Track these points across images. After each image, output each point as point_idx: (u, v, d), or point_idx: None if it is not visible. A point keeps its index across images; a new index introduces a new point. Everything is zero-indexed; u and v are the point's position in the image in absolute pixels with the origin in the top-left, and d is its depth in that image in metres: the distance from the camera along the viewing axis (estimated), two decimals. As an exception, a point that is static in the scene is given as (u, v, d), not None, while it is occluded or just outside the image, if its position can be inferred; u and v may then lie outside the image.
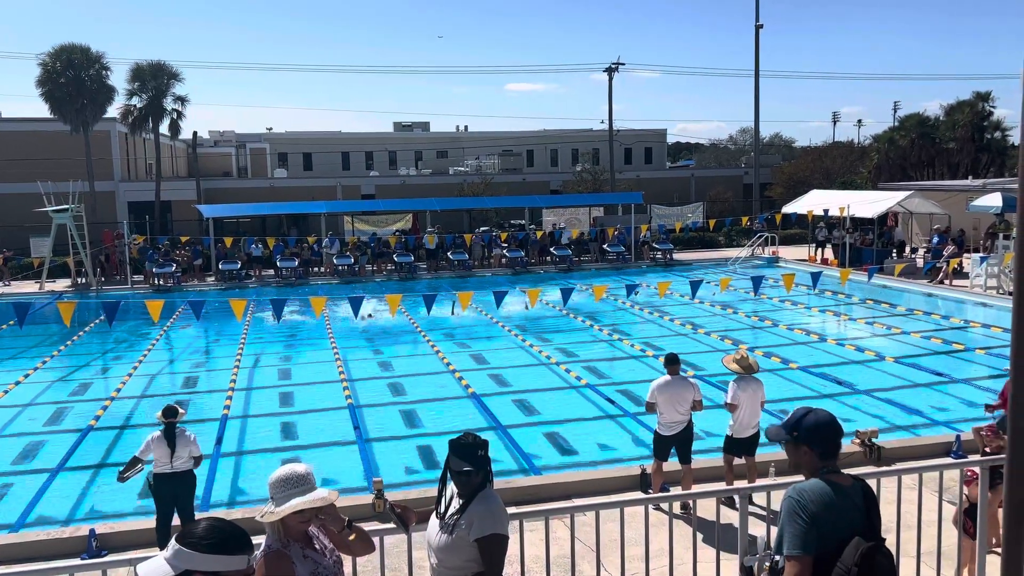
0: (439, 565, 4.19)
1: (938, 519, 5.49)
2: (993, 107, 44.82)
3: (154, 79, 38.69)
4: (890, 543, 5.96)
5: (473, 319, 21.64)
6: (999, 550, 6.24)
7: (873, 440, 10.04)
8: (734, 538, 5.26)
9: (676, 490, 8.65)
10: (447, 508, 4.21)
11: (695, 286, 17.19)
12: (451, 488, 4.26)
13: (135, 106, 38.99)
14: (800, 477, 3.81)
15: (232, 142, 63.05)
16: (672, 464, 9.07)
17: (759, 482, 8.33)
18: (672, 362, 9.02)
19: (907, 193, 29.77)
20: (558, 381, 15.23)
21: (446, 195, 41.77)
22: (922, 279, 25.04)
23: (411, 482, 10.31)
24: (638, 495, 8.74)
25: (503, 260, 31.80)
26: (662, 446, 8.89)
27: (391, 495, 8.61)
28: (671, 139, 76.71)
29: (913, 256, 29.64)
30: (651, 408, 8.92)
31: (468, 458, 4.10)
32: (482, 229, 35.14)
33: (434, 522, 4.27)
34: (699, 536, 5.46)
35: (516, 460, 10.91)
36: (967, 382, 14.26)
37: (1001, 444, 7.10)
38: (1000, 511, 6.62)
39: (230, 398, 14.34)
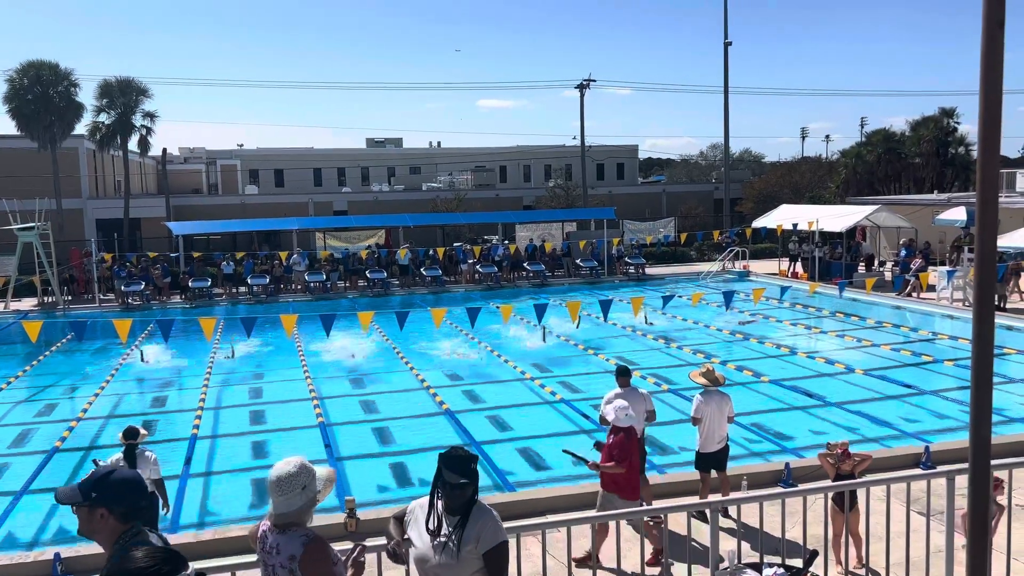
0: None
1: (906, 530, 5.53)
2: (958, 123, 45.78)
3: (123, 95, 38.36)
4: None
5: (448, 335, 21.55)
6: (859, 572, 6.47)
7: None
8: (706, 552, 5.27)
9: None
10: (439, 524, 4.17)
11: (667, 300, 17.30)
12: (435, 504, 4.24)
13: (103, 123, 38.61)
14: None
15: (202, 159, 62.55)
16: (656, 477, 9.08)
17: (730, 496, 8.35)
18: (623, 374, 9.06)
19: (874, 207, 30.23)
20: (533, 396, 15.20)
21: (419, 211, 41.74)
22: (891, 292, 25.38)
23: (384, 500, 10.21)
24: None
25: (476, 275, 31.79)
26: None
27: (363, 514, 8.54)
28: (642, 155, 77.33)
29: (881, 269, 30.06)
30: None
31: (463, 471, 4.09)
32: (455, 245, 35.18)
33: (425, 539, 4.19)
34: (671, 550, 5.46)
35: (490, 476, 10.85)
36: (935, 394, 14.43)
37: (854, 464, 7.39)
38: (859, 530, 6.87)
39: (199, 417, 14.15)
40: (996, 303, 20.92)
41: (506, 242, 35.91)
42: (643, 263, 33.71)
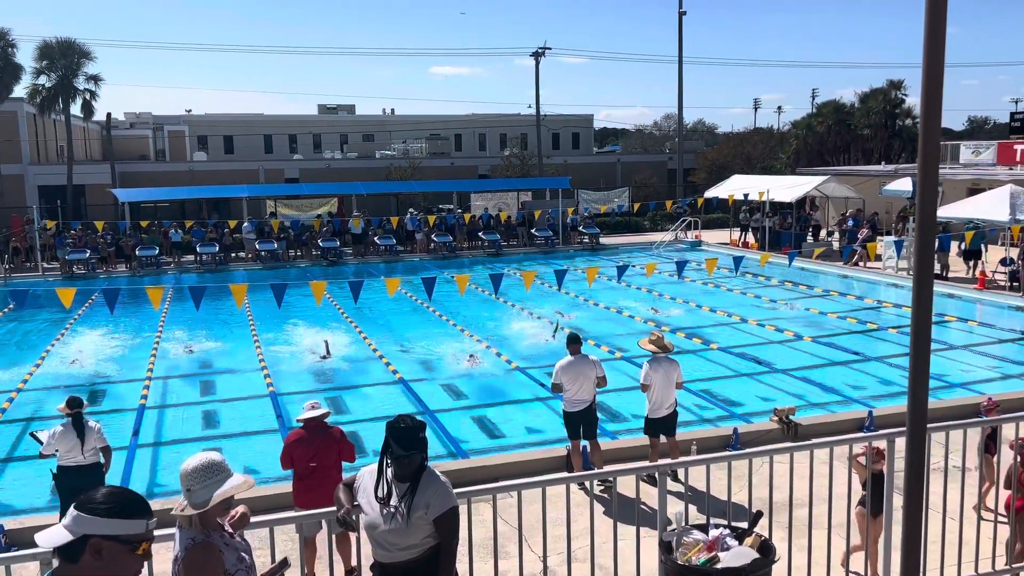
0: (393, 548, 4.15)
1: (848, 492, 5.68)
2: (905, 95, 46.54)
3: (64, 57, 37.12)
4: (802, 516, 6.19)
5: (402, 304, 21.44)
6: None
7: (791, 417, 10.34)
8: (654, 515, 5.36)
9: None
10: (388, 493, 4.16)
11: (621, 270, 17.38)
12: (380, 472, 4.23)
13: (44, 86, 37.35)
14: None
15: (149, 124, 60.95)
16: (608, 443, 9.19)
17: (679, 459, 8.50)
18: (574, 341, 9.16)
19: (824, 178, 30.68)
20: (488, 365, 15.22)
21: (373, 179, 41.28)
22: (839, 262, 25.86)
23: (336, 469, 10.17)
24: (563, 475, 8.82)
25: (431, 245, 31.63)
26: (571, 424, 9.08)
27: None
28: (597, 125, 77.36)
29: (829, 239, 30.61)
30: (557, 388, 9.10)
31: (411, 442, 4.09)
32: (410, 213, 34.89)
33: (374, 506, 4.20)
34: (620, 514, 5.54)
35: (444, 445, 10.89)
36: (880, 360, 14.80)
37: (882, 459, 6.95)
38: (879, 541, 6.16)
39: (147, 387, 13.93)
40: (939, 272, 21.52)
41: (460, 211, 35.71)
42: (597, 233, 33.83)
